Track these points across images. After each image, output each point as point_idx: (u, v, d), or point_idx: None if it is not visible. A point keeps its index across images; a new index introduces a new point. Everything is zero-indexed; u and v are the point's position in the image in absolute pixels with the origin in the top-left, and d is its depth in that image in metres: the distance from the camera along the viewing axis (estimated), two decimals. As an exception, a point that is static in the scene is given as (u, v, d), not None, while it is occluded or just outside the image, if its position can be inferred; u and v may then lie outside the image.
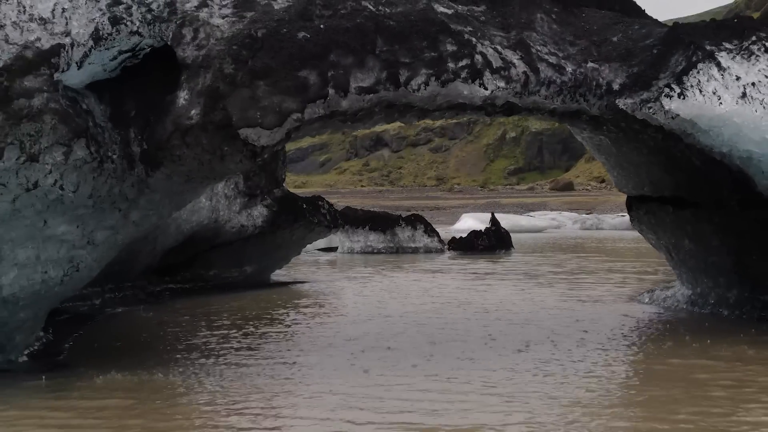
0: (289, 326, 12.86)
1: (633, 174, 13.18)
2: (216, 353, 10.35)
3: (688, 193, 12.54)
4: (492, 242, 31.75)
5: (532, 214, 63.43)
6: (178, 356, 10.18)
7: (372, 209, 37.48)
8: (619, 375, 9.24)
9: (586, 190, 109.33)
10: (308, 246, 22.37)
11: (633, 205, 14.02)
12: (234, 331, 12.18)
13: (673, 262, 14.41)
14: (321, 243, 29.16)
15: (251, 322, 13.03)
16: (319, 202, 20.37)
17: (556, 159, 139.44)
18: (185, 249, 16.92)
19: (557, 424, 6.98)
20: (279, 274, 20.98)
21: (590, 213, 65.57)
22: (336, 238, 30.74)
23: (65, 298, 9.72)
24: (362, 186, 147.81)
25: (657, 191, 13.12)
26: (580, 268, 23.19)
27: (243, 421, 7.18)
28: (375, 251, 30.36)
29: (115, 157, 8.38)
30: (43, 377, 8.72)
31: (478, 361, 9.72)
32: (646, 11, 12.34)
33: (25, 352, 9.53)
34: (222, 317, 13.59)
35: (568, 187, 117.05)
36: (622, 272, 21.41)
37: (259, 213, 18.22)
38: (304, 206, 19.54)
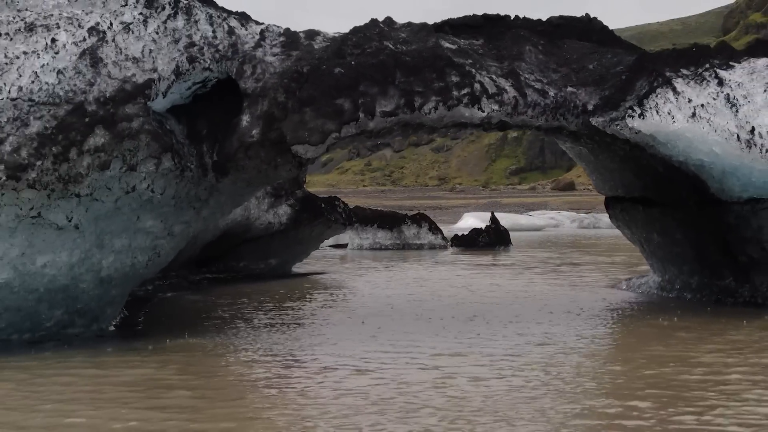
0: (316, 304, 15.17)
1: (609, 178, 15.51)
2: (255, 323, 12.66)
3: (655, 194, 14.85)
4: (492, 239, 34.12)
5: (531, 213, 65.78)
6: (227, 325, 12.48)
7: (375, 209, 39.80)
8: (585, 335, 11.54)
9: (588, 189, 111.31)
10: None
11: (610, 205, 16.36)
12: (272, 305, 14.51)
13: (645, 254, 16.73)
14: (330, 240, 31.45)
15: (284, 301, 15.33)
16: (336, 202, 22.73)
17: (557, 159, 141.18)
18: (220, 243, 19.24)
19: (534, 359, 9.29)
20: (298, 267, 23.30)
21: (589, 212, 67.84)
22: (344, 236, 33.04)
23: (144, 279, 12.04)
24: (364, 186, 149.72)
25: (629, 192, 15.44)
26: (570, 261, 25.54)
27: (282, 362, 9.48)
28: (383, 248, 32.66)
29: (192, 167, 10.69)
30: (138, 342, 11.05)
31: (468, 324, 12.05)
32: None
33: (113, 323, 11.83)
34: (258, 299, 15.88)
35: (570, 186, 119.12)
36: (608, 264, 23.75)
37: (283, 211, 20.55)
38: (323, 205, 21.88)
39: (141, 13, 10.92)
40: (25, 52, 10.23)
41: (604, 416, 7.19)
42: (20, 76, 10.04)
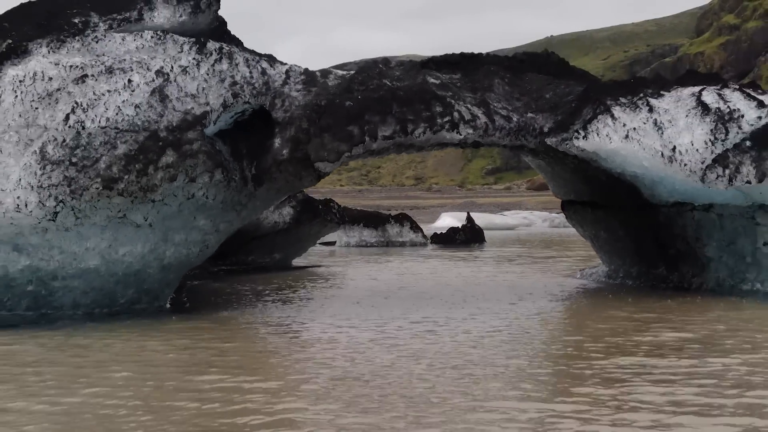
0: (317, 287, 18.33)
1: (563, 185, 18.77)
2: (270, 301, 15.81)
3: (600, 198, 18.12)
4: (468, 237, 37.47)
5: (505, 213, 69.27)
6: (249, 303, 15.62)
7: (361, 210, 43.01)
8: (543, 309, 14.75)
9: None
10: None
11: (565, 207, 19.64)
12: (282, 289, 17.65)
13: (595, 248, 20.03)
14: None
15: (290, 286, 18.49)
16: (331, 204, 25.95)
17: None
18: (234, 240, 22.29)
19: (497, 317, 12.48)
20: (297, 261, 26.45)
21: (560, 212, 71.29)
22: (331, 234, 36.16)
23: (193, 267, 15.15)
24: (341, 186, 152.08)
25: (580, 197, 18.71)
26: (537, 255, 28.86)
27: (292, 323, 12.64)
28: (368, 245, 35.87)
29: (236, 178, 13.80)
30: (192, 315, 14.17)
31: (444, 301, 15.23)
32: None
33: (168, 302, 14.91)
34: (269, 285, 19.04)
35: (544, 186, 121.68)
36: (569, 258, 27.10)
37: (287, 212, 23.68)
38: (320, 207, 25.05)
39: (194, 58, 14.02)
40: (108, 90, 13.31)
41: (545, 345, 10.44)
42: (107, 109, 13.12)
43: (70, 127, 12.88)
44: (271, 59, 14.99)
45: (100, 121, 12.99)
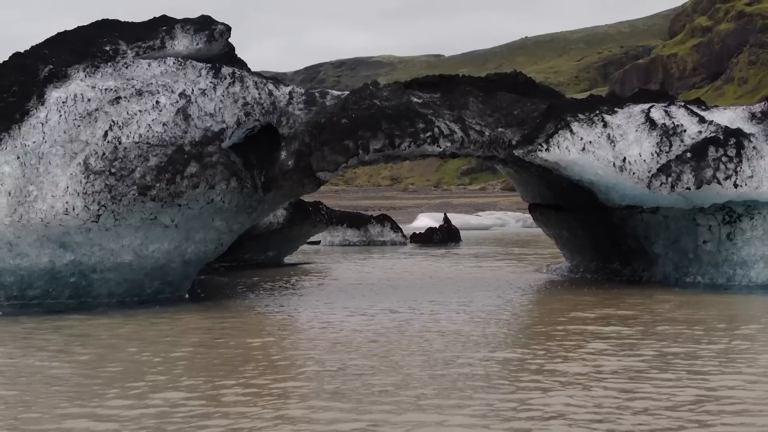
0: (309, 280, 20.65)
1: (530, 190, 21.21)
2: (270, 291, 18.11)
3: (563, 201, 20.57)
4: (445, 237, 39.93)
5: (480, 213, 71.82)
6: (252, 293, 17.92)
7: (344, 211, 45.37)
8: (509, 295, 17.15)
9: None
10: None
11: (532, 209, 22.09)
12: (280, 282, 19.95)
13: (559, 246, 22.49)
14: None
15: (286, 280, 20.79)
16: (320, 206, 28.27)
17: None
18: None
19: (474, 307, 14.83)
20: (288, 259, 28.73)
21: (533, 212, 73.76)
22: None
23: (208, 262, 17.43)
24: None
25: (545, 200, 21.16)
26: (509, 253, 31.31)
27: (290, 309, 14.96)
28: (351, 244, 38.17)
29: (248, 185, 16.09)
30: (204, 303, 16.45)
31: (423, 293, 17.59)
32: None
33: (186, 292, 17.18)
34: (267, 279, 21.32)
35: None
36: (538, 256, 29.57)
37: (280, 213, 25.97)
38: (310, 208, 27.36)
39: (211, 82, 16.29)
40: (140, 110, 15.56)
41: (513, 324, 12.84)
42: (139, 127, 15.37)
43: (108, 142, 15.11)
44: (276, 81, 17.29)
45: (134, 137, 15.23)
